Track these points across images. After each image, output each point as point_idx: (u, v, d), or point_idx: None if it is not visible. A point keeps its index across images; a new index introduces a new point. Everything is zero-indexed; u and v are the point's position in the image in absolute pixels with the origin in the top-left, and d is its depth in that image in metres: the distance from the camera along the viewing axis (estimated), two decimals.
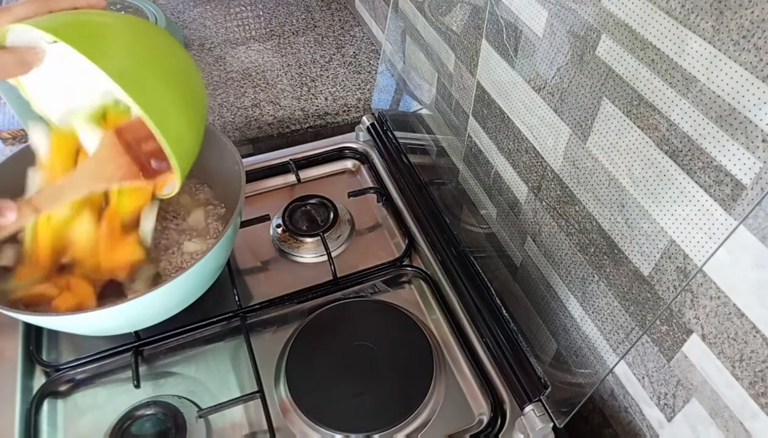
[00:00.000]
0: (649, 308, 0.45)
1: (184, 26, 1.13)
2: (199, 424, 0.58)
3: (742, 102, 0.34)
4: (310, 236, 0.75)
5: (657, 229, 0.42)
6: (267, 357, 0.64)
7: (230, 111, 0.94)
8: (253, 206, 0.80)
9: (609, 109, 0.44)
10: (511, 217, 0.62)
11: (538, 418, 0.57)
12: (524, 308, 0.62)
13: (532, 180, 0.56)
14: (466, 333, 0.66)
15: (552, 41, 0.48)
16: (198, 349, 0.66)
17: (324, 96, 0.98)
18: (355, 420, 0.59)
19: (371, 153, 0.87)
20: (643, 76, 0.40)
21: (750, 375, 0.40)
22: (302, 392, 0.60)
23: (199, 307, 0.64)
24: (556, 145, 0.51)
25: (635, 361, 0.52)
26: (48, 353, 0.65)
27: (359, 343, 0.64)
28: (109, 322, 0.57)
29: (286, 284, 0.70)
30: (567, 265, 0.54)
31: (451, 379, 0.63)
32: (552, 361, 0.59)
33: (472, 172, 0.69)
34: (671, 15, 0.37)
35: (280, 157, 0.85)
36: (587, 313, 0.52)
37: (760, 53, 0.32)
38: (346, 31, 1.14)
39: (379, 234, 0.79)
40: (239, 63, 1.04)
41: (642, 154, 0.42)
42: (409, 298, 0.71)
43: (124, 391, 0.61)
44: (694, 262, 0.40)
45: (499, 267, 0.66)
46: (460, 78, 0.66)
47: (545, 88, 0.51)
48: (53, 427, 0.59)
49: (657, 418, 0.51)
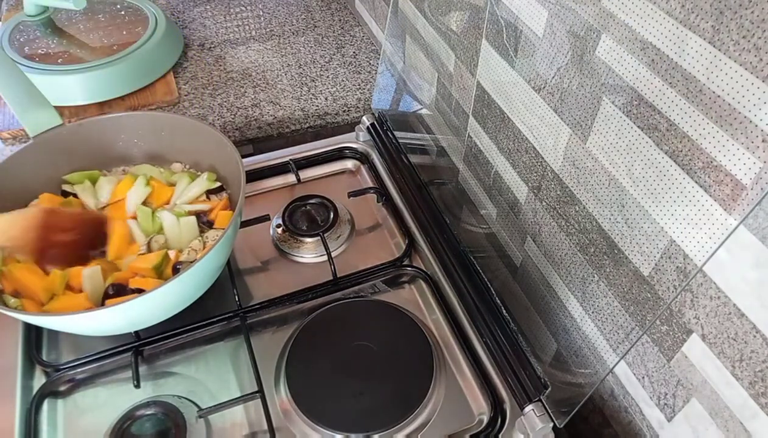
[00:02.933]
0: (649, 308, 0.45)
1: (184, 26, 1.13)
2: (199, 424, 0.58)
3: (742, 102, 0.34)
4: (310, 236, 0.75)
5: (657, 229, 0.42)
6: (267, 357, 0.64)
7: (230, 111, 0.94)
8: (253, 206, 0.80)
9: (609, 109, 0.44)
10: (511, 217, 0.62)
11: (538, 418, 0.57)
12: (524, 308, 0.62)
13: (532, 180, 0.56)
14: (466, 333, 0.66)
15: (552, 41, 0.48)
16: (198, 349, 0.66)
17: (324, 96, 0.98)
18: (355, 420, 0.59)
19: (371, 153, 0.87)
20: (643, 76, 0.40)
21: (750, 375, 0.40)
22: (302, 392, 0.60)
23: (199, 307, 0.64)
24: (556, 145, 0.51)
25: (635, 361, 0.52)
26: (48, 353, 0.65)
27: (359, 343, 0.64)
28: (109, 322, 0.57)
29: (286, 284, 0.70)
30: (567, 265, 0.54)
31: (451, 379, 0.63)
32: (552, 361, 0.59)
33: (472, 172, 0.69)
34: (671, 15, 0.37)
35: (280, 157, 0.85)
36: (587, 313, 0.52)
37: (760, 53, 0.32)
38: (346, 31, 1.14)
39: (379, 234, 0.79)
40: (239, 63, 1.04)
41: (642, 154, 0.42)
42: (409, 298, 0.71)
43: (124, 391, 0.61)
44: (694, 262, 0.40)
45: (499, 267, 0.66)
46: (460, 78, 0.66)
47: (545, 88, 0.51)
48: (53, 427, 0.59)
49: (657, 418, 0.51)
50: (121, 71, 0.93)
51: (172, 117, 0.74)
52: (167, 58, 1.01)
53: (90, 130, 0.71)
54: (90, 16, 1.05)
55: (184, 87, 0.98)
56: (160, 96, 0.95)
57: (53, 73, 0.91)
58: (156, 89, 0.96)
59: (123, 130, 0.73)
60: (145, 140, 0.74)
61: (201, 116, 0.93)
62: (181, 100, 0.95)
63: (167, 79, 0.98)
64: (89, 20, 1.04)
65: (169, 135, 0.73)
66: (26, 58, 0.94)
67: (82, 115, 0.91)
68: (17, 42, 0.97)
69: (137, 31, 1.00)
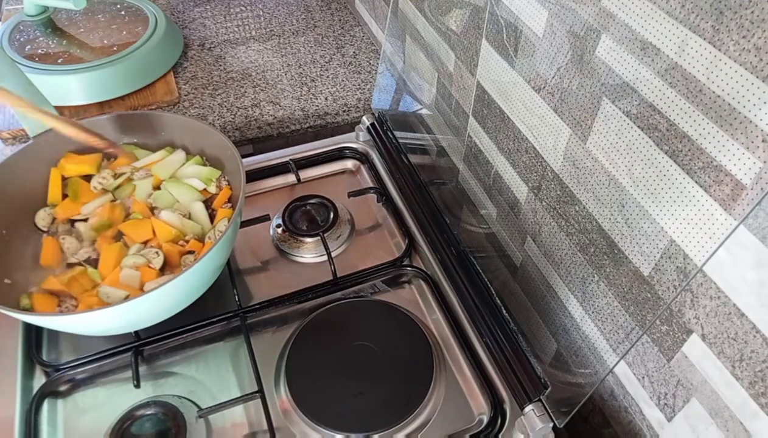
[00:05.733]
0: (649, 308, 0.45)
1: (184, 26, 1.13)
2: (199, 424, 0.58)
3: (742, 102, 0.34)
4: (310, 236, 0.75)
5: (657, 229, 0.42)
6: (267, 357, 0.64)
7: (230, 111, 0.94)
8: (253, 206, 0.80)
9: (609, 109, 0.44)
10: (511, 217, 0.62)
11: (538, 418, 0.57)
12: (524, 308, 0.62)
13: (532, 180, 0.56)
14: (466, 333, 0.66)
15: (552, 41, 0.48)
16: (198, 349, 0.66)
17: (324, 96, 0.98)
18: (355, 420, 0.59)
19: (371, 153, 0.87)
20: (642, 76, 0.40)
21: (750, 375, 0.40)
22: (302, 392, 0.60)
23: (199, 307, 0.64)
24: (556, 145, 0.51)
25: (635, 361, 0.52)
26: (48, 353, 0.65)
27: (359, 343, 0.64)
28: (109, 322, 0.57)
29: (286, 284, 0.70)
30: (567, 265, 0.54)
31: (451, 379, 0.63)
32: (552, 361, 0.59)
33: (472, 172, 0.69)
34: (671, 15, 0.37)
35: (280, 157, 0.85)
36: (587, 313, 0.52)
37: (760, 53, 0.32)
38: (346, 31, 1.14)
39: (379, 234, 0.79)
40: (239, 63, 1.04)
41: (642, 154, 0.42)
42: (409, 298, 0.71)
43: (124, 391, 0.61)
44: (694, 262, 0.40)
45: (499, 267, 0.66)
46: (460, 78, 0.66)
47: (545, 88, 0.51)
48: (53, 427, 0.59)
49: (657, 418, 0.51)
50: (121, 71, 0.93)
51: (172, 117, 0.73)
52: (167, 58, 1.01)
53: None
54: (90, 16, 1.05)
55: (184, 87, 0.98)
56: (160, 96, 0.95)
57: (53, 73, 0.91)
58: (156, 89, 0.96)
59: (123, 130, 0.73)
60: (145, 140, 0.74)
61: (201, 116, 0.93)
62: (181, 100, 0.95)
63: (167, 79, 0.98)
64: (89, 20, 1.04)
65: (169, 135, 0.73)
66: (26, 58, 0.94)
67: (82, 115, 0.91)
68: (17, 42, 0.97)
69: (137, 31, 1.00)
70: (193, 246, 0.65)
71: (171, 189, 0.69)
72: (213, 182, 0.70)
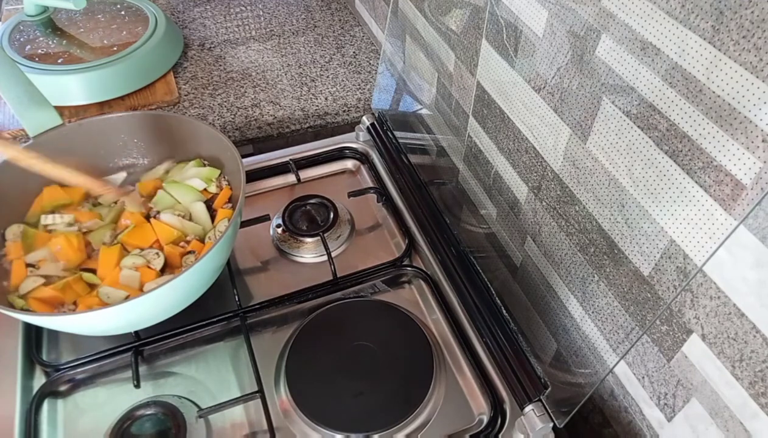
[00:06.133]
0: (649, 308, 0.45)
1: (184, 26, 1.13)
2: (199, 424, 0.58)
3: (742, 102, 0.34)
4: (310, 236, 0.75)
5: (657, 229, 0.42)
6: (267, 357, 0.64)
7: (230, 111, 0.94)
8: (253, 206, 0.80)
9: (609, 109, 0.44)
10: (511, 217, 0.62)
11: (538, 418, 0.57)
12: (524, 308, 0.62)
13: (532, 180, 0.56)
14: (466, 333, 0.66)
15: (552, 41, 0.48)
16: (198, 349, 0.66)
17: (324, 96, 0.98)
18: (355, 420, 0.58)
19: (371, 153, 0.87)
20: (643, 76, 0.40)
21: (750, 375, 0.40)
22: (302, 392, 0.60)
23: (199, 307, 0.64)
24: (556, 145, 0.51)
25: (635, 361, 0.52)
26: (48, 353, 0.65)
27: (359, 343, 0.64)
28: (109, 322, 0.57)
29: (286, 284, 0.70)
30: (567, 265, 0.54)
31: (451, 379, 0.63)
32: (552, 361, 0.59)
33: (472, 172, 0.69)
34: (671, 15, 0.37)
35: (280, 157, 0.85)
36: (587, 313, 0.52)
37: (760, 53, 0.32)
38: (346, 31, 1.14)
39: (379, 234, 0.79)
40: (239, 63, 1.04)
41: (642, 154, 0.42)
42: (409, 298, 0.71)
43: (124, 391, 0.61)
44: (694, 262, 0.40)
45: (499, 267, 0.66)
46: (460, 78, 0.66)
47: (545, 88, 0.51)
48: (53, 427, 0.59)
49: (657, 418, 0.51)
50: (121, 71, 0.93)
51: (172, 117, 0.74)
52: (167, 58, 1.01)
53: (90, 130, 0.71)
54: (90, 16, 1.05)
55: (184, 87, 0.98)
56: (160, 96, 0.95)
57: (53, 73, 0.91)
58: (156, 89, 0.96)
59: (123, 130, 0.73)
60: (145, 140, 0.74)
61: (201, 116, 0.93)
62: (181, 100, 0.95)
63: (167, 79, 0.98)
64: (89, 20, 1.04)
65: (169, 135, 0.73)
66: (26, 58, 0.94)
67: (82, 115, 0.91)
68: (17, 42, 0.97)
69: (137, 31, 1.00)
70: (194, 246, 0.65)
71: (171, 191, 0.69)
72: (213, 182, 0.70)
